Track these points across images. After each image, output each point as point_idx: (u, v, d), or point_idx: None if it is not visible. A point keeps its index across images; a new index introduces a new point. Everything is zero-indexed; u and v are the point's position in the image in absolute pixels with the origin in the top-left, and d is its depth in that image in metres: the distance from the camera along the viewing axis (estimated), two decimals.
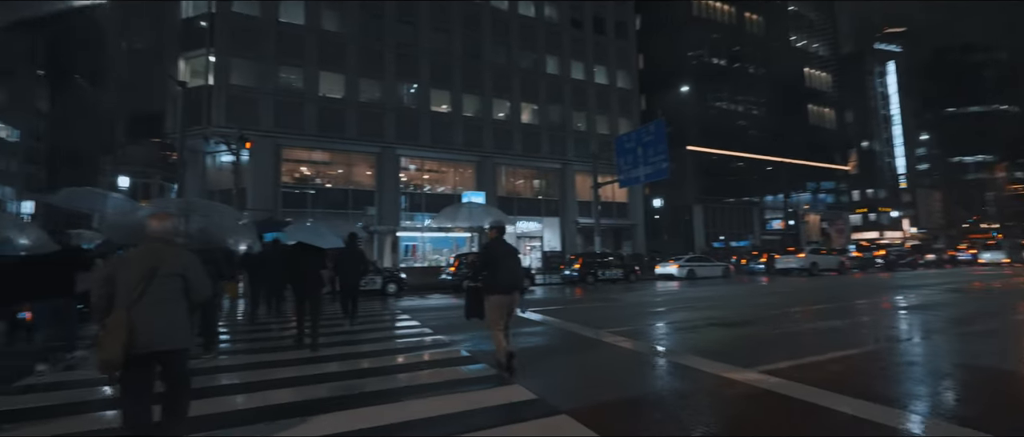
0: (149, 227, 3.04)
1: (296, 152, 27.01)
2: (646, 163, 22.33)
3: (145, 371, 2.77)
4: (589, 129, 35.82)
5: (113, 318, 2.69)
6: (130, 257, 2.94)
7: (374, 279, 16.45)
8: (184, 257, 2.99)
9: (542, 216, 33.38)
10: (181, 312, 2.91)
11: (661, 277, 25.44)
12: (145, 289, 2.77)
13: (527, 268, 23.79)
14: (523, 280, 5.30)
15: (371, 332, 8.10)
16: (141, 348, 2.68)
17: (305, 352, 6.19)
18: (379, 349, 6.67)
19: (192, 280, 2.95)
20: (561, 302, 14.02)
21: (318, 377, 4.98)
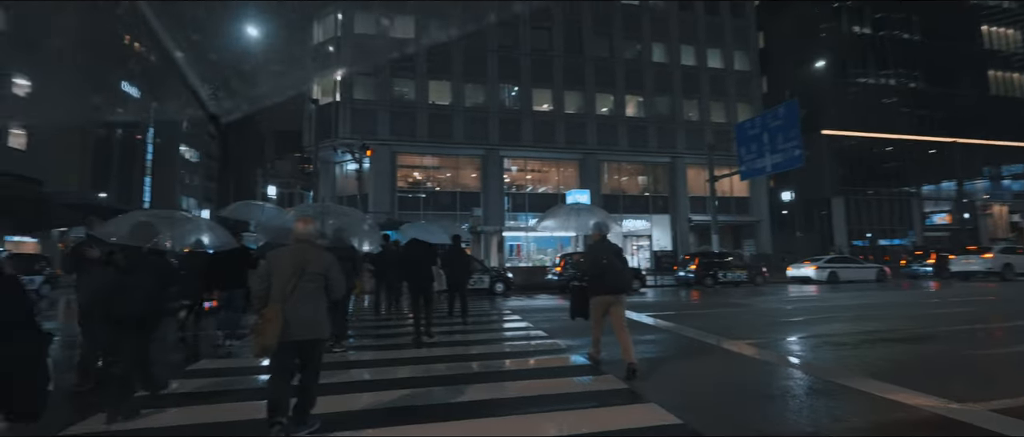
0: (296, 230, 3.37)
1: (409, 158, 28.85)
2: (774, 151, 19.78)
3: (290, 357, 3.17)
4: (702, 118, 33.03)
5: (270, 309, 3.08)
6: (282, 256, 3.27)
7: (482, 278, 16.75)
8: (325, 258, 3.33)
9: (650, 214, 31.55)
10: (322, 307, 3.28)
11: (794, 280, 22.45)
12: (296, 285, 3.15)
13: (637, 269, 22.53)
14: (629, 282, 5.41)
15: (483, 333, 8.03)
16: (290, 337, 3.08)
17: (422, 350, 6.45)
18: (492, 352, 6.49)
19: (332, 279, 3.31)
20: (678, 306, 12.86)
21: (431, 379, 4.90)
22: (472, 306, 12.58)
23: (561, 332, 7.73)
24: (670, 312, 10.92)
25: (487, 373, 5.29)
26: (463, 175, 29.63)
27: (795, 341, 7.08)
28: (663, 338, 7.42)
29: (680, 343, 6.96)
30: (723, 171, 25.81)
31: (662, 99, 32.40)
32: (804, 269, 22.05)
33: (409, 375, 5.10)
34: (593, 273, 5.05)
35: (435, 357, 5.99)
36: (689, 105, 33.03)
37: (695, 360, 5.88)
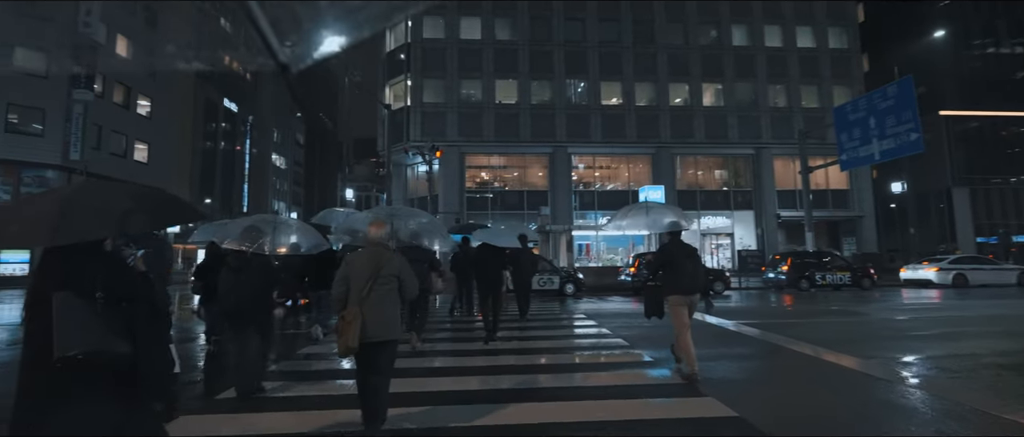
0: (368, 234, 3.51)
1: (477, 159, 29.06)
2: (883, 136, 17.36)
3: (370, 357, 3.27)
4: (791, 104, 30.08)
5: (350, 311, 3.18)
6: (358, 260, 3.38)
7: (552, 279, 16.28)
8: (398, 261, 3.42)
9: (732, 210, 29.26)
10: (396, 308, 3.39)
11: (909, 284, 19.70)
12: (372, 288, 3.24)
13: (720, 270, 20.95)
14: (705, 282, 5.19)
15: (554, 339, 7.56)
16: (369, 338, 3.18)
17: (490, 345, 6.70)
18: (570, 364, 6.01)
19: (404, 281, 3.39)
20: (773, 314, 11.53)
21: (498, 394, 4.54)
22: (542, 308, 12.22)
23: (642, 341, 7.06)
24: (761, 320, 9.77)
25: (564, 388, 4.82)
26: (530, 174, 29.34)
27: (945, 360, 5.85)
28: (754, 351, 6.51)
29: (790, 359, 6.04)
30: (818, 161, 23.29)
31: (744, 85, 29.92)
32: (922, 271, 19.23)
33: (478, 387, 4.78)
34: (667, 273, 5.00)
35: (502, 366, 5.62)
36: (775, 91, 30.22)
37: (818, 383, 5.00)
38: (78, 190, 1.93)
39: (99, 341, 1.70)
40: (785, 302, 14.32)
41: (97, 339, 1.70)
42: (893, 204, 32.71)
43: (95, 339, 1.69)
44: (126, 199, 1.93)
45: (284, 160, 52.26)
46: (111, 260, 1.91)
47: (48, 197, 1.87)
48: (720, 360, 5.90)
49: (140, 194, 2.06)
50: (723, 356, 6.14)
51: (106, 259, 1.87)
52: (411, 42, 28.46)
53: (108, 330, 1.72)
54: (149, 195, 2.13)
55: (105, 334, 1.71)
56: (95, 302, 1.74)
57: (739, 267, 21.53)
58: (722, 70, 29.72)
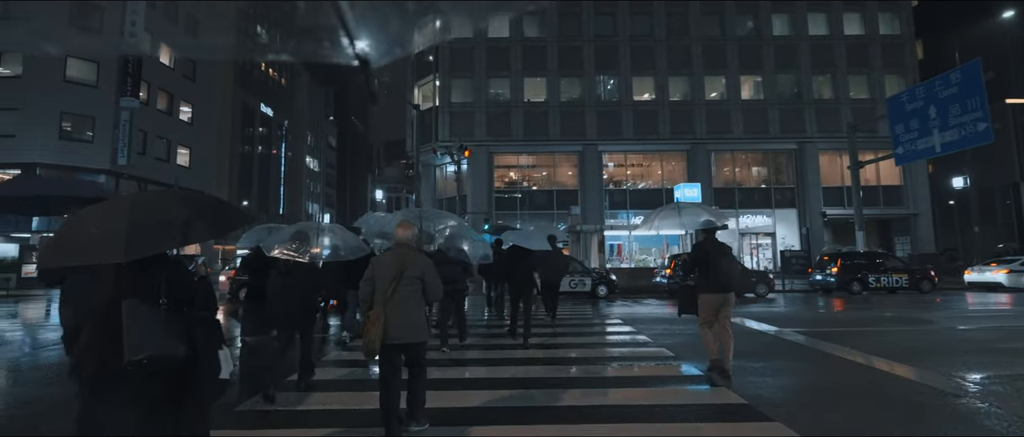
0: (396, 235, 3.47)
1: (505, 158, 28.72)
2: (945, 127, 15.96)
3: (395, 358, 3.24)
4: (837, 95, 28.37)
5: (373, 313, 3.16)
6: (383, 261, 3.35)
7: (583, 280, 15.73)
8: (422, 262, 3.36)
9: (773, 208, 27.83)
10: (421, 310, 3.34)
11: (974, 287, 18.16)
12: (395, 289, 3.20)
13: (764, 271, 19.89)
14: (739, 281, 5.22)
15: (586, 344, 7.08)
16: (392, 339, 3.15)
17: (520, 353, 6.47)
18: (610, 378, 5.51)
19: (428, 283, 3.32)
20: (825, 321, 10.65)
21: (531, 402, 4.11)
22: (574, 312, 11.72)
23: (688, 351, 6.47)
24: (816, 328, 8.97)
25: (601, 408, 4.34)
26: (560, 173, 28.77)
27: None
28: (815, 364, 5.83)
29: (845, 372, 5.36)
30: (868, 156, 21.82)
31: (785, 77, 28.42)
32: (989, 273, 17.64)
33: (508, 404, 4.36)
34: (701, 272, 5.00)
35: (533, 380, 5.19)
36: (820, 81, 28.58)
37: (876, 399, 4.34)
38: (140, 205, 1.96)
39: (165, 345, 1.78)
40: (836, 306, 13.32)
41: (163, 343, 1.78)
42: (952, 201, 30.40)
43: (161, 343, 1.78)
44: (185, 209, 2.01)
45: (317, 163, 53.45)
46: (173, 267, 1.98)
47: (113, 212, 1.92)
48: (778, 374, 5.29)
49: (197, 203, 2.16)
50: (781, 370, 5.52)
51: (168, 266, 1.95)
52: (439, 42, 28.40)
53: (171, 335, 1.81)
54: (204, 203, 2.23)
55: (169, 338, 1.80)
56: (159, 308, 1.83)
57: (782, 268, 20.37)
58: (761, 61, 28.31)
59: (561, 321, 9.70)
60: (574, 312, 11.80)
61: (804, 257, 20.77)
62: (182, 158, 32.55)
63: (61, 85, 25.36)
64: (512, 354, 6.40)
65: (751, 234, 27.51)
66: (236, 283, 14.15)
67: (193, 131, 33.28)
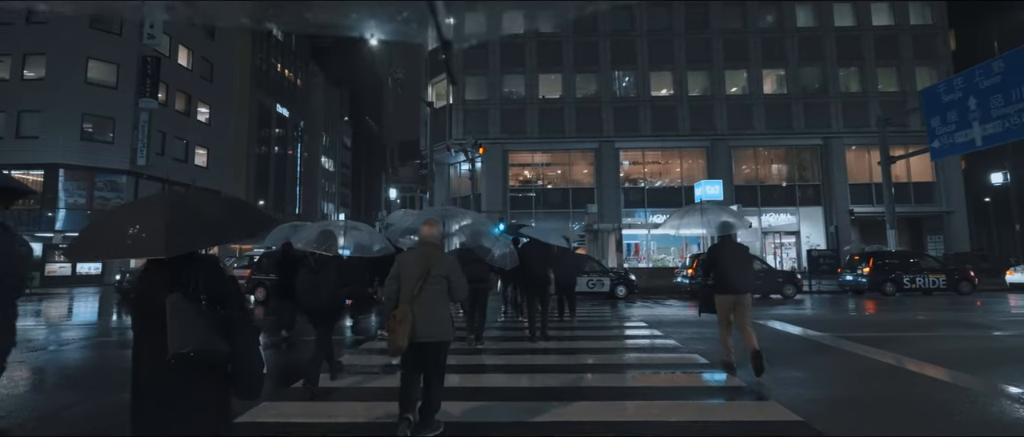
0: (421, 233, 3.44)
1: (520, 156, 28.30)
2: (987, 119, 15.02)
3: (419, 357, 3.22)
4: (864, 88, 27.30)
5: (400, 310, 3.14)
6: (409, 258, 3.34)
7: (601, 280, 15.22)
8: (448, 261, 3.35)
9: (797, 206, 26.90)
10: (446, 309, 3.33)
11: (1016, 288, 17.20)
12: (422, 287, 3.20)
13: (792, 271, 19.18)
14: (753, 283, 5.47)
15: (614, 349, 6.61)
16: (418, 337, 3.14)
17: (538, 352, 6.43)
18: (643, 388, 5.07)
19: (453, 281, 3.31)
20: (868, 324, 9.98)
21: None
22: (592, 313, 11.25)
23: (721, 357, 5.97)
24: (869, 332, 8.37)
25: (638, 424, 3.91)
26: (576, 171, 28.24)
27: None
28: (851, 374, 5.28)
29: (899, 381, 4.82)
30: (898, 151, 20.88)
31: (810, 70, 27.45)
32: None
33: (523, 418, 3.96)
34: (717, 273, 5.13)
35: (550, 390, 4.76)
36: (846, 74, 27.54)
37: (939, 412, 3.82)
38: (176, 204, 1.97)
39: (208, 339, 1.81)
40: (867, 309, 12.60)
41: (206, 337, 1.81)
42: (988, 197, 29.05)
43: (205, 337, 1.80)
44: (219, 209, 2.08)
45: (332, 163, 53.73)
46: (209, 265, 1.99)
47: (152, 210, 1.95)
48: (824, 385, 4.79)
49: (229, 204, 2.26)
50: (825, 379, 5.01)
51: (204, 264, 1.97)
52: (453, 38, 28.07)
53: (213, 331, 1.84)
54: (236, 205, 2.29)
55: (211, 334, 1.83)
56: (200, 304, 1.86)
57: (809, 268, 19.56)
58: (785, 54, 27.38)
59: (581, 322, 9.26)
60: (593, 314, 11.33)
61: (832, 256, 19.90)
62: (200, 158, 32.88)
63: (82, 87, 25.73)
64: (532, 360, 6.00)
65: (774, 233, 26.62)
66: (252, 282, 14.11)
67: (210, 131, 33.61)
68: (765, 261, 17.73)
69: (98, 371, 5.87)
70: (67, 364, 6.29)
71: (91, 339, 8.28)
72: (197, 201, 2.13)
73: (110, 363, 6.29)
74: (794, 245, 26.66)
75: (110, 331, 9.77)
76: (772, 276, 15.93)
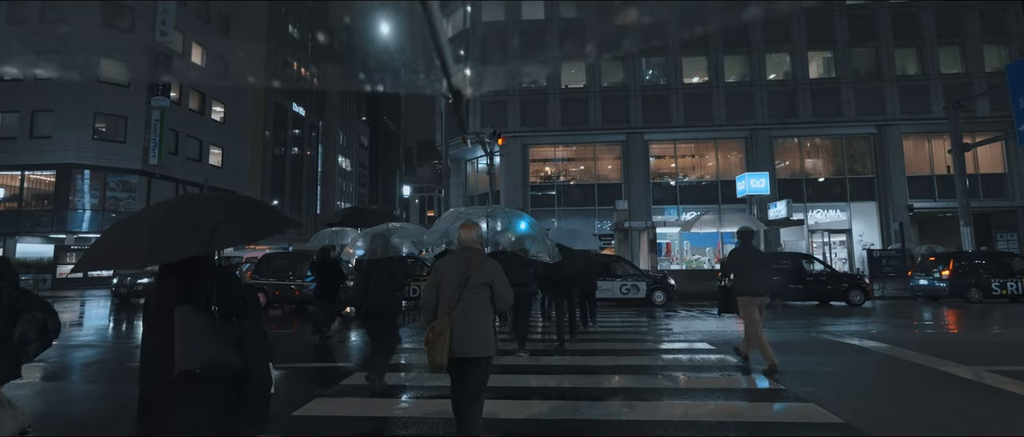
0: (460, 236, 3.17)
1: (542, 150, 26.58)
2: None
3: (459, 374, 2.94)
4: (924, 70, 24.62)
5: (438, 323, 2.88)
6: (447, 265, 3.04)
7: (636, 285, 13.40)
8: (490, 267, 3.04)
9: (848, 201, 24.42)
10: (488, 320, 3.02)
11: None
12: (461, 296, 2.92)
13: (857, 274, 17.01)
14: (772, 285, 5.46)
15: (672, 386, 4.90)
16: (456, 352, 2.86)
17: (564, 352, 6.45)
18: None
19: (497, 289, 3.00)
20: (997, 346, 7.91)
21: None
22: (629, 325, 9.49)
23: (865, 411, 4.18)
24: (1001, 366, 6.41)
25: None
26: (601, 165, 26.36)
27: None
28: None
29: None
30: (966, 139, 18.38)
31: (862, 51, 24.90)
32: None
33: None
34: (739, 275, 5.33)
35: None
36: (903, 55, 24.89)
37: None
38: (173, 208, 1.83)
39: (217, 354, 1.73)
40: (947, 319, 10.47)
41: (215, 352, 1.73)
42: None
43: (214, 352, 1.73)
44: (220, 212, 1.89)
45: (349, 162, 53.02)
46: (222, 274, 1.90)
47: (145, 218, 1.86)
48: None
49: (237, 205, 2.04)
50: None
51: (218, 274, 1.87)
52: (470, 27, 26.59)
53: (224, 343, 1.76)
54: (246, 206, 2.10)
55: (222, 347, 1.75)
56: (212, 316, 1.78)
57: (871, 271, 17.27)
58: (833, 34, 24.91)
59: (618, 336, 7.57)
60: (630, 326, 9.57)
61: (897, 257, 17.57)
62: (214, 158, 32.30)
63: (95, 86, 25.26)
64: (584, 383, 4.47)
65: (822, 231, 24.18)
66: (251, 288, 13.11)
67: (225, 131, 33.03)
68: (825, 263, 15.53)
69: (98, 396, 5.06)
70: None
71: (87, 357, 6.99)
72: (199, 203, 1.96)
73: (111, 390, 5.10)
74: (845, 244, 24.19)
75: (107, 342, 8.58)
76: (834, 280, 13.83)
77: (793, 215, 20.58)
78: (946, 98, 23.05)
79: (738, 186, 20.74)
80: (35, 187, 25.68)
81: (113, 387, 5.10)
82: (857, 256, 23.48)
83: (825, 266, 14.45)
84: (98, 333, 9.72)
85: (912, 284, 15.33)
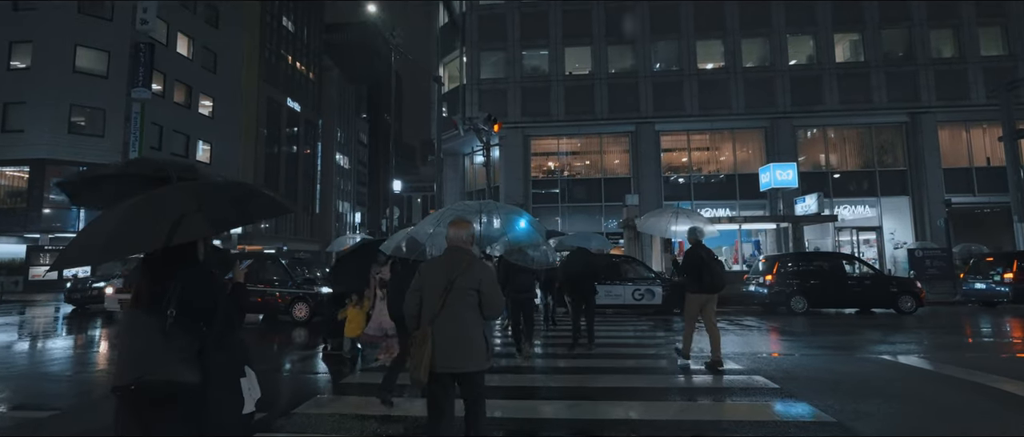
0: (448, 234, 2.89)
1: (544, 142, 24.80)
2: None
3: (448, 388, 2.67)
4: (962, 53, 22.58)
5: (420, 333, 2.64)
6: (432, 268, 2.80)
7: (651, 290, 11.61)
8: (478, 270, 2.75)
9: (878, 196, 22.46)
10: (478, 329, 2.72)
11: None
12: (445, 302, 2.65)
13: (908, 277, 15.11)
14: (724, 283, 5.66)
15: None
16: (441, 366, 2.58)
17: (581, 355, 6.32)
18: None
19: (486, 294, 2.70)
20: None
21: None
22: (643, 344, 7.71)
23: None
24: None
25: None
26: (608, 158, 24.54)
27: None
28: None
29: None
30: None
31: (893, 32, 22.91)
32: None
33: None
34: (692, 275, 5.55)
35: None
36: (939, 36, 22.87)
37: None
38: (144, 199, 1.62)
39: (156, 368, 1.49)
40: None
41: (153, 365, 1.50)
42: None
43: (152, 365, 1.50)
44: (192, 200, 1.65)
45: (348, 160, 51.52)
46: (190, 271, 1.67)
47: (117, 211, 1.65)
48: None
49: (215, 192, 1.78)
50: None
51: (185, 270, 1.66)
52: (467, 10, 24.84)
53: (171, 355, 1.51)
54: (226, 192, 1.82)
55: (166, 360, 1.51)
56: (163, 321, 1.56)
57: (916, 271, 15.35)
58: (861, 15, 22.92)
59: (638, 366, 5.84)
60: (645, 343, 7.80)
61: (943, 257, 15.63)
62: (203, 154, 30.86)
63: (70, 77, 23.85)
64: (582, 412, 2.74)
65: (849, 229, 22.19)
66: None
67: (214, 126, 31.59)
68: (869, 264, 13.57)
69: None
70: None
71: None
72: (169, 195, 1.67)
73: None
74: (875, 243, 22.21)
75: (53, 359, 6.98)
76: (881, 284, 11.95)
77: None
78: (986, 83, 21.06)
79: (761, 179, 18.88)
80: (8, 184, 24.31)
81: None
82: (888, 256, 21.53)
83: (869, 268, 12.55)
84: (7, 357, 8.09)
85: (966, 288, 13.44)
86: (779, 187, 18.28)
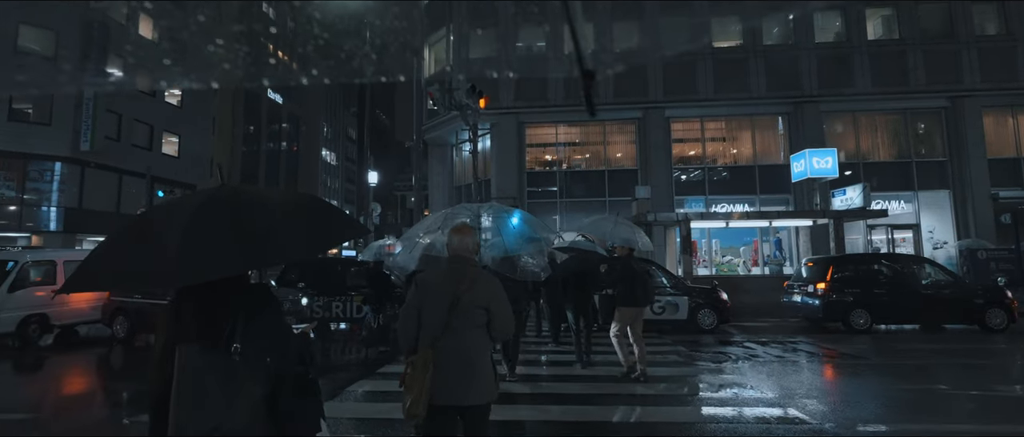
0: (450, 242, 2.54)
1: (541, 129, 22.33)
2: None
3: (448, 424, 2.32)
4: (1009, 29, 20.20)
5: (420, 357, 2.26)
6: (431, 282, 2.43)
7: (674, 302, 9.14)
8: (487, 284, 2.40)
9: (915, 189, 20.08)
10: (485, 356, 2.37)
11: None
12: (448, 323, 2.31)
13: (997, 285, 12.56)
14: (652, 297, 6.11)
15: None
16: (442, 399, 2.25)
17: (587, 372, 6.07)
18: None
19: (495, 313, 2.37)
20: None
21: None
22: (673, 389, 5.28)
23: None
24: None
25: None
26: (612, 148, 22.09)
27: None
28: None
29: None
30: None
31: (931, 6, 20.50)
32: None
33: None
34: (621, 287, 5.67)
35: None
36: (982, 11, 20.50)
37: None
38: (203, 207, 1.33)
39: (230, 419, 1.26)
40: None
41: (223, 417, 1.27)
42: None
43: (220, 417, 1.26)
44: (269, 217, 1.39)
45: (334, 156, 48.99)
46: (258, 298, 1.41)
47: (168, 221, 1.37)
48: None
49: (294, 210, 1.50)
50: None
51: (251, 297, 1.40)
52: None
53: (239, 403, 1.28)
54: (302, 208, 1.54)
55: (239, 408, 1.27)
56: (229, 358, 1.31)
57: (968, 272, 12.91)
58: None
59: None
60: (674, 388, 5.37)
61: (1011, 260, 13.20)
62: (169, 146, 28.34)
63: (11, 57, 21.32)
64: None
65: (883, 226, 19.75)
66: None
67: (182, 116, 29.02)
68: (946, 270, 10.80)
69: None
70: None
71: None
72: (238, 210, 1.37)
73: None
74: (911, 241, 19.79)
75: None
76: (963, 294, 9.48)
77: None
78: None
79: (794, 167, 16.45)
80: None
81: None
82: (927, 256, 19.12)
83: (947, 273, 10.06)
84: None
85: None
86: (816, 177, 15.86)
